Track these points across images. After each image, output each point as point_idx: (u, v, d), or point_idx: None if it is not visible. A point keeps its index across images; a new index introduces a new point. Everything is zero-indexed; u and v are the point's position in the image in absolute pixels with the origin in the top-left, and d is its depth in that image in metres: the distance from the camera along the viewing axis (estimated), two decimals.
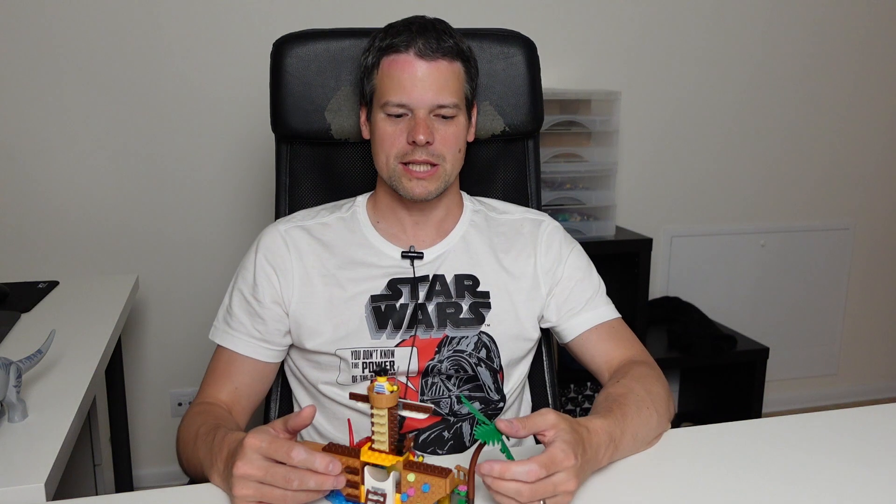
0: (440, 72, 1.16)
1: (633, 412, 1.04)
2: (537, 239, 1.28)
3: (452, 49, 1.18)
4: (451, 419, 1.23)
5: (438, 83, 1.16)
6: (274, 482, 0.85)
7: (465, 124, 1.22)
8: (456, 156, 1.21)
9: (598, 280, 1.31)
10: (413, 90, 1.15)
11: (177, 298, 2.31)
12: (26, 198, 2.15)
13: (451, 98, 1.17)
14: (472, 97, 1.24)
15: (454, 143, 1.19)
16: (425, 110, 1.16)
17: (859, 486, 0.97)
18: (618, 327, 1.28)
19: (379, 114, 1.19)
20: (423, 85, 1.15)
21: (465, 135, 1.23)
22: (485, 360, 1.23)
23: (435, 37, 1.17)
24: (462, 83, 1.20)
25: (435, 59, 1.16)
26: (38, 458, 1.00)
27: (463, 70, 1.20)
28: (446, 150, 1.19)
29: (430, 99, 1.16)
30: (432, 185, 1.19)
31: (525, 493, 0.85)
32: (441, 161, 1.18)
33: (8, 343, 1.38)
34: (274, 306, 1.21)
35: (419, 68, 1.16)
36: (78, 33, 2.10)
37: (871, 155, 2.83)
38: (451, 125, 1.19)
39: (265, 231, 1.26)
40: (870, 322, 2.98)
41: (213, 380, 1.21)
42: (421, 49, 1.15)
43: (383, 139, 1.19)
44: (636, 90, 2.52)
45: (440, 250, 1.26)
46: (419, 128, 1.15)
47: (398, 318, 1.20)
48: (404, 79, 1.16)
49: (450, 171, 1.21)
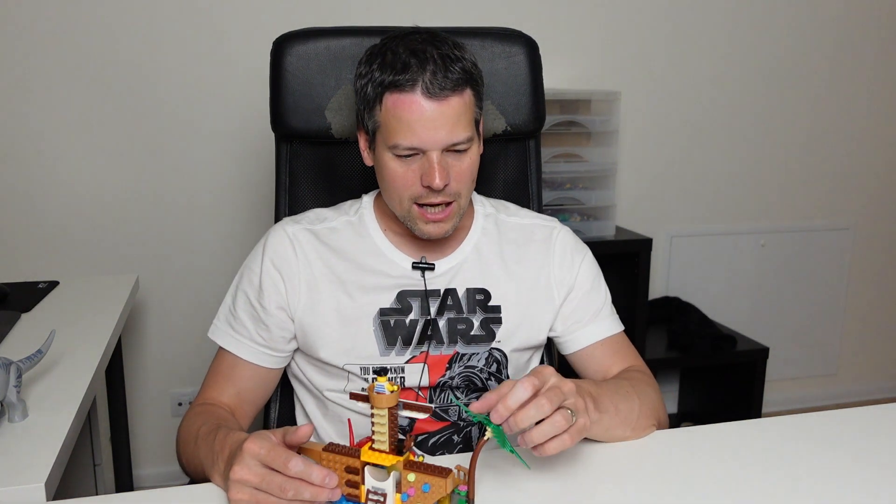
0: (451, 109, 1.07)
1: (611, 387, 1.08)
2: (551, 247, 1.26)
3: (461, 78, 1.08)
4: (461, 423, 1.22)
5: (451, 122, 1.07)
6: (269, 490, 0.85)
7: (478, 148, 1.15)
8: (470, 187, 1.15)
9: (605, 291, 1.29)
10: (423, 133, 1.07)
11: (177, 298, 2.31)
12: (26, 198, 2.15)
13: (464, 133, 1.09)
14: (481, 113, 1.17)
15: (470, 175, 1.13)
16: (438, 151, 1.08)
17: (859, 486, 0.97)
18: (620, 342, 1.27)
19: (387, 153, 1.11)
20: (435, 125, 1.06)
21: (478, 158, 1.16)
22: (494, 373, 1.23)
23: (442, 69, 1.06)
24: (473, 110, 1.12)
25: (445, 97, 1.06)
26: (38, 458, 1.00)
27: (473, 95, 1.11)
28: (462, 185, 1.13)
29: (443, 139, 1.08)
30: (448, 225, 1.15)
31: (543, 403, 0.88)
32: (457, 197, 1.13)
33: (8, 343, 1.38)
34: (279, 312, 1.19)
35: (428, 109, 1.06)
36: (77, 33, 2.10)
37: (872, 155, 2.83)
38: (466, 157, 1.12)
39: (272, 231, 1.23)
40: (870, 322, 2.98)
41: (215, 382, 1.20)
42: (428, 87, 1.05)
43: (395, 180, 1.12)
44: (636, 90, 2.52)
45: (452, 262, 1.22)
46: (434, 172, 1.08)
47: (407, 334, 1.18)
48: (413, 121, 1.06)
49: (464, 205, 1.15)
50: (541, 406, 0.88)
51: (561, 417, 0.89)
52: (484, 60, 1.39)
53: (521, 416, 0.87)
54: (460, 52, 1.10)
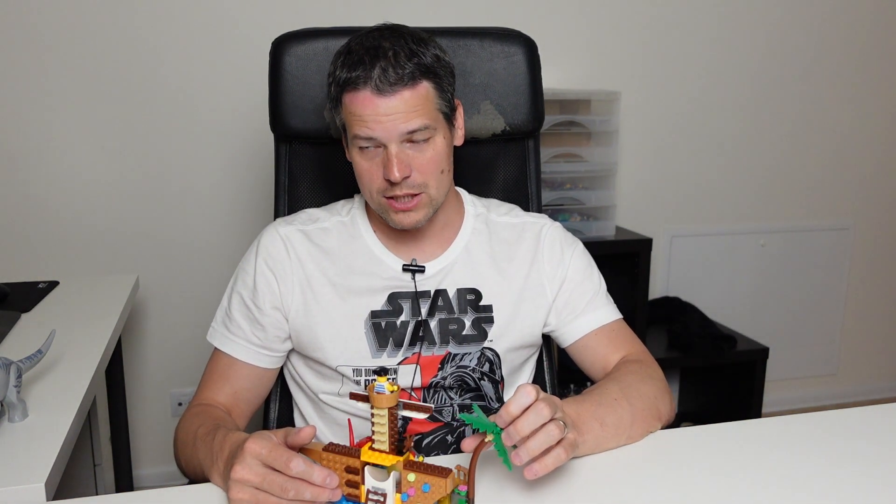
0: (404, 102, 1.08)
1: (594, 401, 1.06)
2: (540, 244, 1.26)
3: (414, 72, 1.09)
4: (455, 424, 1.22)
5: (403, 114, 1.08)
6: (270, 490, 0.85)
7: (444, 140, 1.15)
8: (439, 178, 1.15)
9: (598, 279, 1.29)
10: (377, 126, 1.09)
11: (177, 298, 2.31)
12: (26, 198, 2.15)
13: (420, 122, 1.09)
14: (451, 104, 1.16)
15: (434, 167, 1.13)
16: (395, 143, 1.10)
17: (859, 486, 0.97)
18: (618, 329, 1.26)
19: (353, 147, 1.14)
20: (387, 119, 1.08)
21: (446, 150, 1.15)
22: (487, 373, 1.23)
23: (392, 64, 1.07)
24: (433, 101, 1.11)
25: (395, 92, 1.08)
26: (38, 458, 1.00)
27: (433, 87, 1.11)
28: (426, 177, 1.13)
29: (398, 130, 1.09)
30: (419, 214, 1.15)
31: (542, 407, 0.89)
32: (423, 189, 1.13)
33: (8, 343, 1.38)
34: (274, 312, 1.19)
35: (380, 104, 1.08)
36: (77, 33, 2.10)
37: (871, 155, 2.83)
38: (428, 148, 1.12)
39: (265, 232, 1.24)
40: (870, 322, 2.98)
41: (211, 382, 1.21)
42: (378, 84, 1.07)
43: (362, 175, 1.14)
44: (636, 90, 2.52)
45: (442, 263, 1.23)
46: (391, 165, 1.09)
47: (399, 335, 1.19)
48: (366, 116, 1.09)
49: (435, 195, 1.15)
50: (540, 411, 0.88)
51: (555, 427, 0.89)
52: (483, 60, 1.39)
53: (522, 422, 0.87)
54: (419, 46, 1.11)
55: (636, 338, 1.28)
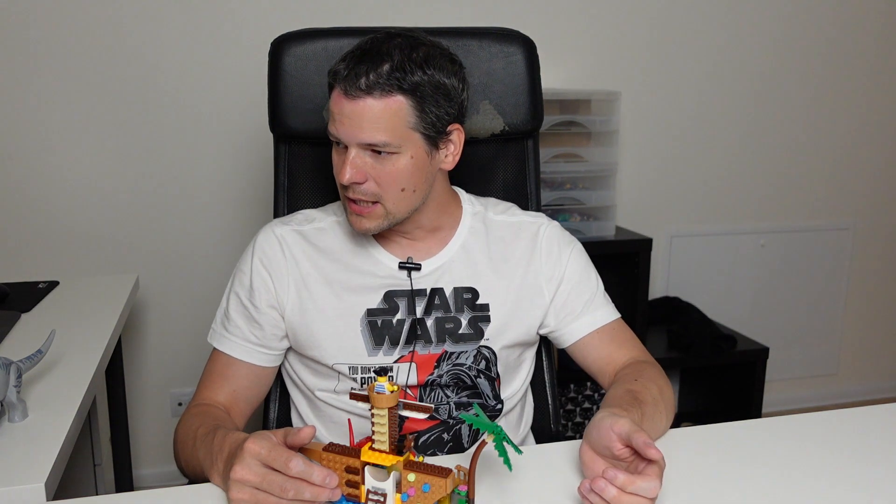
0: (368, 110, 1.07)
1: (649, 414, 1.06)
2: (538, 244, 1.26)
3: (390, 85, 1.07)
4: (451, 422, 1.23)
5: (366, 122, 1.08)
6: (270, 490, 0.85)
7: (413, 160, 1.11)
8: (399, 195, 1.12)
9: (596, 279, 1.29)
10: (340, 126, 1.09)
11: (177, 298, 2.31)
12: (26, 198, 2.15)
13: (380, 137, 1.08)
14: (438, 128, 1.12)
15: (391, 181, 1.11)
16: (355, 147, 1.10)
17: (859, 486, 0.97)
18: (618, 328, 1.27)
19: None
20: (350, 122, 1.08)
21: (412, 169, 1.11)
22: (484, 370, 1.23)
23: (373, 70, 1.06)
24: (403, 118, 1.08)
25: (358, 97, 1.07)
26: (38, 458, 1.00)
27: (410, 104, 1.08)
28: (382, 189, 1.11)
29: (356, 136, 1.09)
30: (371, 223, 1.14)
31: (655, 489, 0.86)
32: (379, 199, 1.12)
33: (8, 343, 1.38)
34: (270, 311, 1.20)
35: (346, 105, 1.08)
36: (76, 33, 2.10)
37: (872, 155, 2.83)
38: (388, 163, 1.10)
39: (261, 232, 1.24)
40: (870, 322, 2.98)
41: (210, 382, 1.21)
42: (347, 85, 1.07)
43: (333, 167, 1.16)
44: (636, 90, 2.52)
45: (439, 262, 1.23)
46: (344, 167, 1.10)
47: (394, 334, 1.19)
48: (335, 113, 1.10)
49: (392, 210, 1.13)
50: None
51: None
52: (482, 60, 1.39)
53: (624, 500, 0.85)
54: (417, 65, 1.08)
55: (636, 337, 1.28)
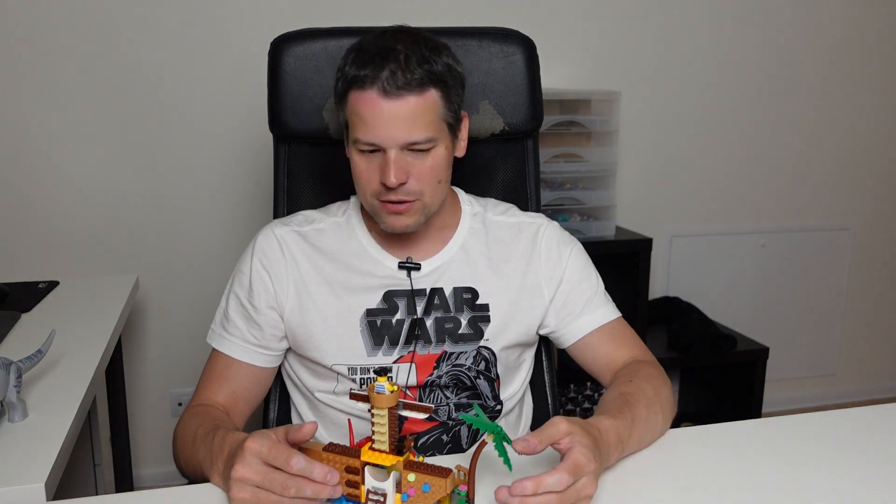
0: (409, 108, 1.07)
1: (642, 415, 1.05)
2: (537, 244, 1.26)
3: (423, 78, 1.07)
4: (450, 423, 1.22)
5: (408, 121, 1.07)
6: (271, 488, 0.85)
7: (445, 151, 1.14)
8: (436, 187, 1.14)
9: (596, 279, 1.28)
10: (380, 130, 1.08)
11: (177, 298, 2.31)
12: (26, 198, 2.15)
13: (423, 133, 1.09)
14: (457, 115, 1.15)
15: (431, 176, 1.13)
16: (396, 149, 1.09)
17: (859, 486, 0.97)
18: (618, 327, 1.26)
19: (352, 148, 1.14)
20: (391, 124, 1.07)
21: (446, 160, 1.15)
22: (483, 371, 1.23)
23: (402, 67, 1.06)
24: (438, 112, 1.10)
25: (401, 96, 1.07)
26: (38, 458, 1.00)
27: (440, 96, 1.10)
28: (423, 185, 1.12)
29: (401, 137, 1.08)
30: (411, 219, 1.14)
31: (555, 503, 0.84)
32: (419, 196, 1.13)
33: (8, 343, 1.38)
34: (270, 311, 1.20)
35: (385, 107, 1.07)
36: (76, 33, 2.10)
37: (871, 155, 2.83)
38: (428, 158, 1.11)
39: (261, 233, 1.24)
40: (870, 322, 2.98)
41: (209, 382, 1.21)
42: (386, 86, 1.06)
43: (360, 176, 1.14)
44: (636, 90, 2.52)
45: (439, 261, 1.23)
46: (389, 170, 1.08)
47: (394, 334, 1.19)
48: (369, 118, 1.08)
49: (430, 203, 1.15)
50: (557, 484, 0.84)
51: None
52: (481, 60, 1.39)
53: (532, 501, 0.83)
54: (431, 53, 1.10)
55: (637, 336, 1.28)
